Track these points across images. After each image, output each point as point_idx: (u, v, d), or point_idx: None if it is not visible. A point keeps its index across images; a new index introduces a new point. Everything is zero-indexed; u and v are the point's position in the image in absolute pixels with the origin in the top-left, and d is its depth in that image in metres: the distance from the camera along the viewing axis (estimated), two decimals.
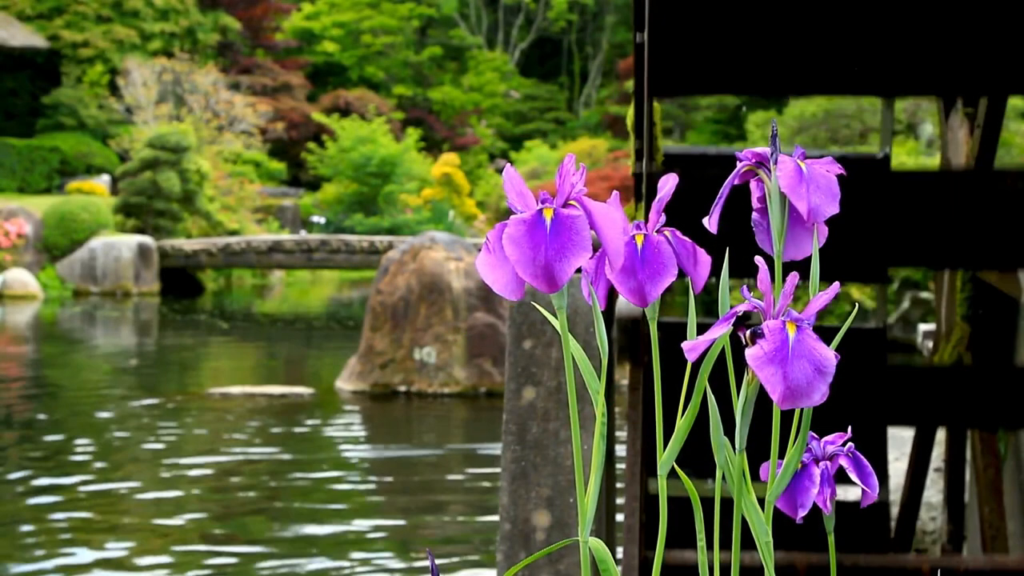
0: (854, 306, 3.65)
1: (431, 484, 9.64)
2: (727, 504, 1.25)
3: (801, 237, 1.23)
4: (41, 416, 12.62)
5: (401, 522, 8.33)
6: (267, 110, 40.66)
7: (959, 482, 4.57)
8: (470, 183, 41.52)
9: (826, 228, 1.23)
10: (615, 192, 1.20)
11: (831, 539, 1.38)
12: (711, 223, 1.24)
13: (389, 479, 9.98)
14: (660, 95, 3.68)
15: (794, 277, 1.16)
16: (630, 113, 4.17)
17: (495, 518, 6.63)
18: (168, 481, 9.50)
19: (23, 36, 39.71)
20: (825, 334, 1.20)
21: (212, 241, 29.87)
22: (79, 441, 10.88)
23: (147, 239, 28.99)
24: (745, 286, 1.21)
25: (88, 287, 28.21)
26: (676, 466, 1.26)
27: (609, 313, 3.60)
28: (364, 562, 7.24)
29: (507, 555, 3.73)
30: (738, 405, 1.21)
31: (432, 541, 7.70)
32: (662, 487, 1.25)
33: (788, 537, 3.49)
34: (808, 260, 1.25)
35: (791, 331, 1.13)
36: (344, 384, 14.15)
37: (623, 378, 11.75)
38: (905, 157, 20.97)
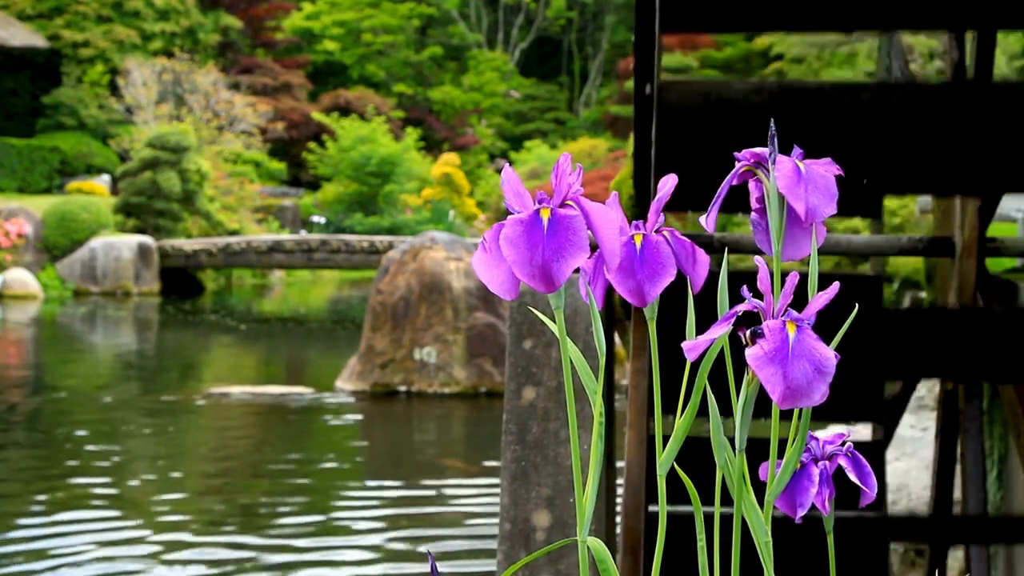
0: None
1: (431, 484, 9.63)
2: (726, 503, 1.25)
3: (799, 237, 1.23)
4: (41, 415, 12.61)
5: (401, 522, 8.33)
6: (267, 110, 40.66)
7: (951, 447, 4.25)
8: (470, 183, 41.53)
9: (824, 229, 1.23)
10: (614, 192, 1.20)
11: (830, 539, 1.37)
12: (708, 222, 1.24)
13: (388, 479, 9.97)
14: (669, 30, 3.60)
15: (794, 277, 1.16)
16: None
17: (495, 518, 6.63)
18: (167, 481, 9.50)
19: (23, 36, 39.72)
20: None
21: (212, 241, 29.86)
22: (78, 441, 10.87)
23: (147, 239, 28.99)
24: (744, 286, 1.21)
25: (88, 287, 28.21)
26: (676, 465, 1.26)
27: (608, 313, 3.59)
28: (363, 562, 7.24)
29: (507, 555, 3.73)
30: (738, 405, 1.21)
31: (432, 541, 7.70)
32: (661, 487, 1.25)
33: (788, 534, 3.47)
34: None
35: (791, 331, 1.13)
36: (344, 384, 14.14)
37: (623, 378, 11.74)
38: None
